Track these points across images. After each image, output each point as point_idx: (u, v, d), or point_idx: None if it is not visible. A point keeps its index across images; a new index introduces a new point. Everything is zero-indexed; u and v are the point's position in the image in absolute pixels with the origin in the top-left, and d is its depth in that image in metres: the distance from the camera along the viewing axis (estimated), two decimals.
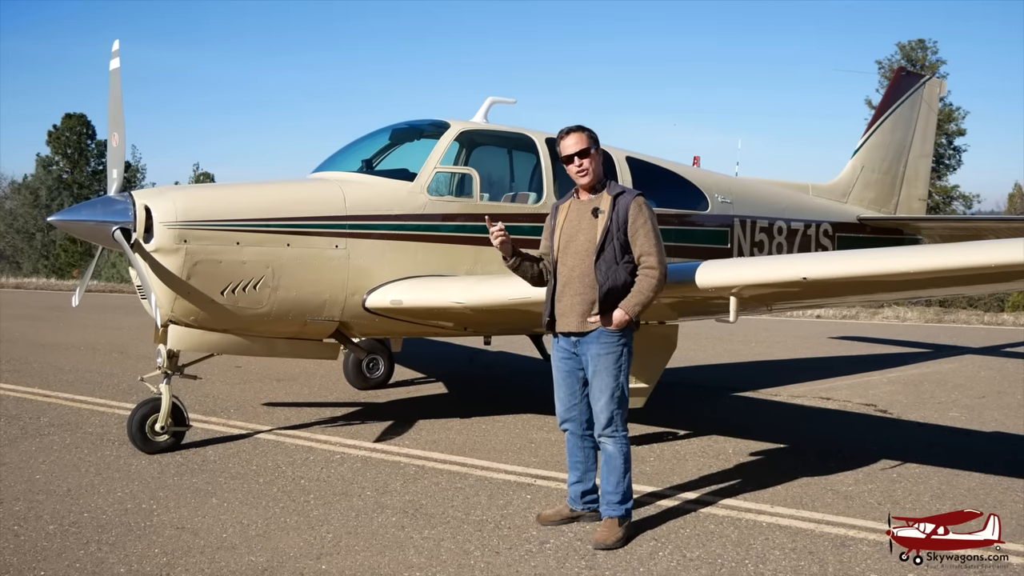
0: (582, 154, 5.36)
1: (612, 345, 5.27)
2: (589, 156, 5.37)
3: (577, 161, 5.37)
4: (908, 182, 13.46)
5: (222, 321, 7.20)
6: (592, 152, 5.38)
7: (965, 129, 44.18)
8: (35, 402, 9.44)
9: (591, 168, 5.38)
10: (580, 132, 5.42)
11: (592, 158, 5.38)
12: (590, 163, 5.37)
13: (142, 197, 6.89)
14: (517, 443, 7.73)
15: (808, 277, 5.58)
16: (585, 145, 5.37)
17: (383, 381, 10.58)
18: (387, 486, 6.37)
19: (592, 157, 5.38)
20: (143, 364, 10.86)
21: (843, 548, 5.20)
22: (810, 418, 9.39)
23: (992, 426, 8.75)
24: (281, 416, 8.74)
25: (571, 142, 5.40)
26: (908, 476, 6.76)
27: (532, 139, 8.62)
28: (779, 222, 10.72)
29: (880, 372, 12.31)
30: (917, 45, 44.45)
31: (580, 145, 5.37)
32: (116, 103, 7.29)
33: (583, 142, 5.38)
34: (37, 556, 4.98)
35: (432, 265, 7.80)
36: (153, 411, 7.21)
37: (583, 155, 5.36)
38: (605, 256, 5.24)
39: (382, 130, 8.92)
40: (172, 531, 5.39)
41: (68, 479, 6.49)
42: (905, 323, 19.84)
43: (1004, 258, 5.03)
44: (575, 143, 5.38)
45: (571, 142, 5.40)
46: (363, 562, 4.93)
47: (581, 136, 5.40)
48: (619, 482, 5.31)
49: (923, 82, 13.85)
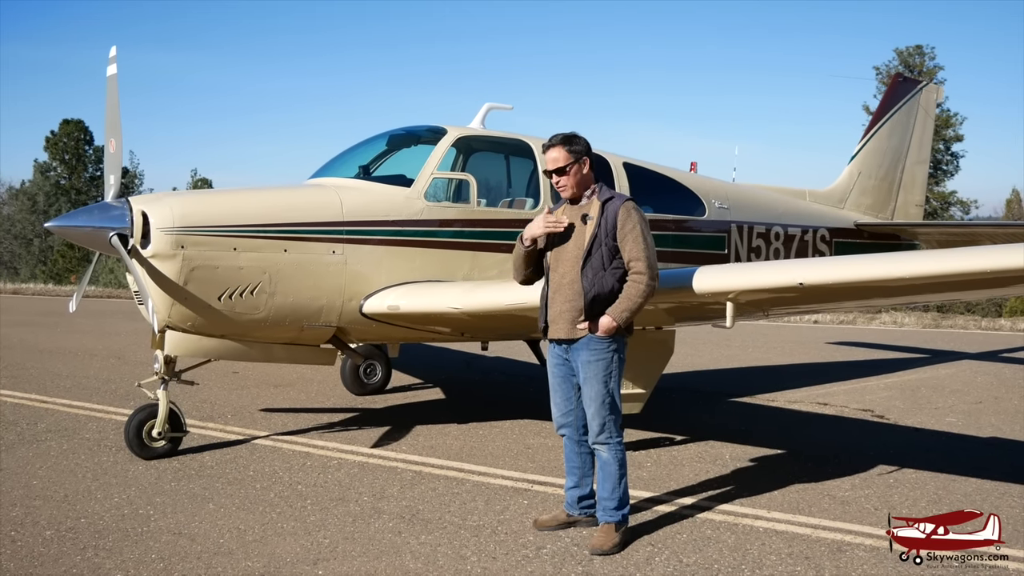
0: (559, 171, 5.36)
1: (601, 352, 5.27)
2: (566, 174, 5.36)
3: (555, 178, 5.40)
4: (905, 188, 13.48)
5: (219, 326, 7.20)
6: (569, 170, 5.35)
7: (963, 135, 44.33)
8: (32, 408, 9.43)
9: (570, 184, 5.37)
10: (561, 147, 5.37)
11: (571, 175, 5.36)
12: (569, 179, 5.36)
13: (139, 203, 6.90)
14: (514, 448, 7.73)
15: (805, 282, 5.59)
16: (563, 163, 5.35)
17: (380, 387, 10.57)
18: (384, 491, 6.37)
19: (571, 174, 5.36)
20: (140, 370, 10.86)
21: (840, 553, 5.20)
22: (807, 423, 9.40)
23: (989, 431, 8.76)
24: (278, 422, 8.74)
25: (550, 157, 5.39)
26: (905, 481, 6.77)
27: (529, 145, 8.63)
28: (776, 228, 10.73)
29: (877, 377, 12.32)
30: (915, 51, 44.62)
31: (557, 163, 5.36)
32: (113, 109, 7.29)
33: (561, 159, 5.35)
34: (34, 562, 4.97)
35: (429, 271, 7.81)
36: (150, 417, 7.21)
37: (560, 172, 5.36)
38: (592, 262, 5.24)
39: (379, 136, 8.93)
40: (169, 536, 5.38)
41: (65, 485, 6.49)
42: (902, 328, 19.86)
43: (1001, 263, 5.04)
44: (553, 160, 5.38)
45: (550, 157, 5.39)
46: (360, 567, 4.93)
47: (561, 152, 5.35)
48: (615, 488, 5.32)
49: (920, 88, 13.88)
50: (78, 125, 55.16)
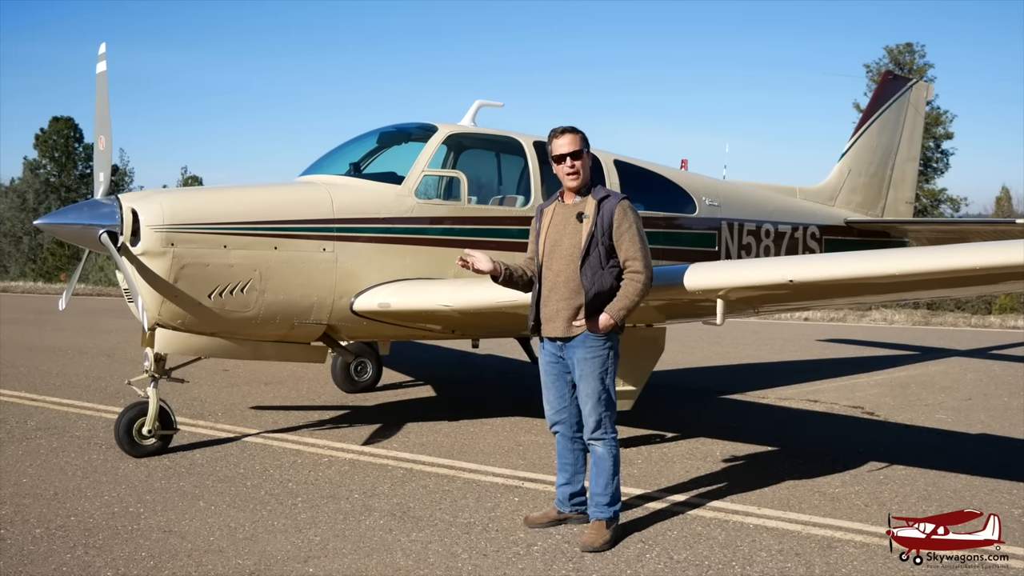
0: (575, 155, 5.37)
1: (598, 349, 5.28)
2: (581, 158, 5.39)
3: (569, 162, 5.37)
4: (895, 185, 13.52)
5: (209, 324, 7.19)
6: (584, 154, 5.41)
7: (952, 132, 44.35)
8: (22, 406, 9.39)
9: (582, 169, 5.40)
10: (574, 133, 5.43)
11: (583, 160, 5.40)
12: (582, 164, 5.39)
13: (129, 200, 6.88)
14: (505, 446, 7.74)
15: (795, 279, 5.60)
16: (578, 146, 5.38)
17: (371, 384, 10.57)
18: (375, 489, 6.37)
19: (584, 159, 5.40)
20: (130, 368, 10.82)
21: (830, 550, 5.22)
22: (797, 420, 9.42)
23: (978, 428, 8.79)
24: (269, 419, 8.73)
25: (564, 142, 5.40)
26: (895, 478, 6.79)
27: (520, 142, 8.62)
28: (766, 225, 10.76)
29: (867, 374, 12.36)
30: (905, 48, 44.61)
31: (573, 146, 5.38)
32: (103, 106, 7.26)
33: (576, 143, 5.39)
34: (24, 560, 4.96)
35: (420, 268, 7.80)
36: (140, 415, 7.20)
37: (576, 156, 5.37)
38: (590, 261, 5.25)
39: (370, 133, 8.91)
40: (159, 534, 5.37)
41: (55, 483, 6.47)
42: (892, 326, 19.92)
43: (991, 260, 5.06)
44: (569, 143, 5.39)
45: (564, 142, 5.40)
46: (351, 565, 4.93)
47: (575, 137, 5.41)
48: (608, 484, 5.33)
49: (910, 86, 13.92)
50: (68, 122, 54.91)
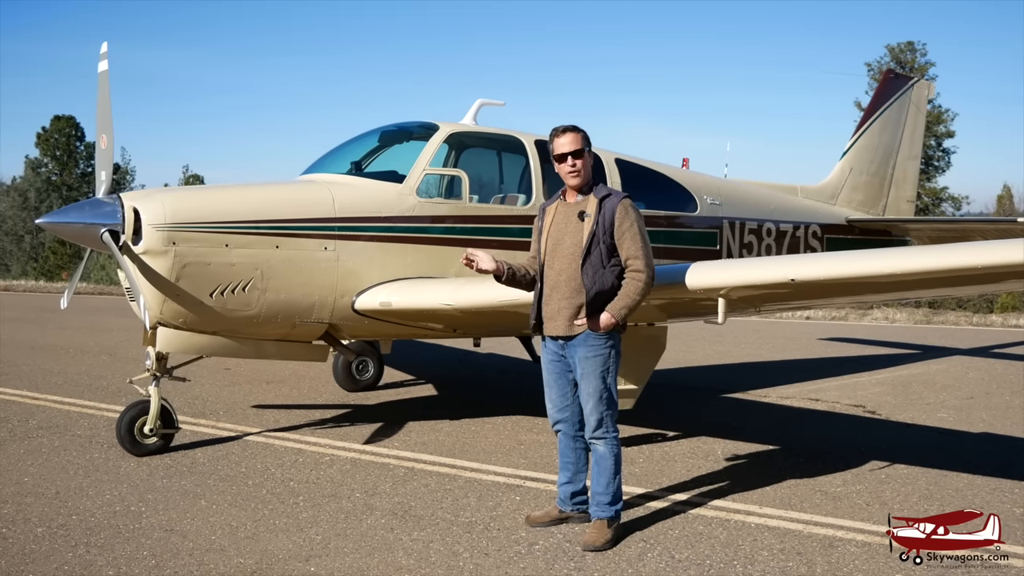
0: (576, 154, 5.37)
1: (599, 348, 5.28)
2: (583, 156, 5.39)
3: (571, 161, 5.38)
4: (896, 184, 13.51)
5: (211, 323, 7.19)
6: (586, 153, 5.41)
7: (954, 131, 44.29)
8: (24, 405, 9.40)
9: (583, 168, 5.40)
10: (575, 132, 5.44)
11: (585, 159, 5.40)
12: (583, 164, 5.39)
13: (131, 199, 6.88)
14: (506, 445, 7.74)
15: (796, 278, 5.60)
16: (580, 145, 5.39)
17: (372, 383, 10.57)
18: (376, 488, 6.37)
19: (585, 158, 5.40)
20: (132, 366, 10.82)
21: (831, 549, 5.22)
22: (799, 419, 9.42)
23: (980, 427, 8.79)
24: (270, 418, 8.73)
25: (566, 140, 5.40)
26: (896, 477, 6.79)
27: (521, 141, 8.62)
28: (768, 224, 10.75)
29: (869, 373, 12.35)
30: (906, 47, 44.56)
31: (575, 145, 5.38)
32: (105, 105, 7.26)
33: (578, 142, 5.39)
34: (25, 559, 4.96)
35: (421, 267, 7.80)
36: (142, 413, 7.20)
37: (577, 155, 5.37)
38: (591, 260, 5.24)
39: (371, 132, 8.92)
40: (161, 533, 5.38)
41: (56, 482, 6.47)
42: (894, 324, 19.90)
43: (992, 259, 5.06)
44: (570, 142, 5.39)
45: (566, 140, 5.40)
46: (352, 564, 4.93)
47: (576, 136, 5.41)
48: (609, 483, 5.33)
49: (911, 84, 13.91)
50: (69, 121, 54.88)
